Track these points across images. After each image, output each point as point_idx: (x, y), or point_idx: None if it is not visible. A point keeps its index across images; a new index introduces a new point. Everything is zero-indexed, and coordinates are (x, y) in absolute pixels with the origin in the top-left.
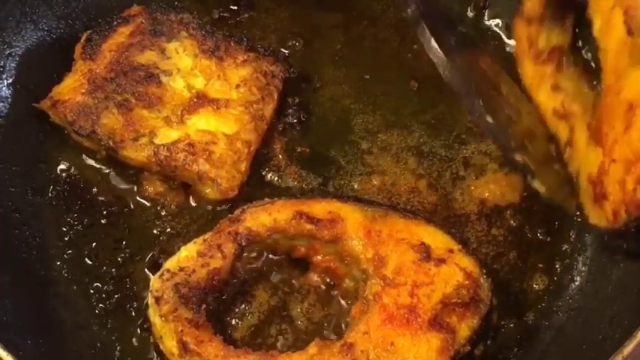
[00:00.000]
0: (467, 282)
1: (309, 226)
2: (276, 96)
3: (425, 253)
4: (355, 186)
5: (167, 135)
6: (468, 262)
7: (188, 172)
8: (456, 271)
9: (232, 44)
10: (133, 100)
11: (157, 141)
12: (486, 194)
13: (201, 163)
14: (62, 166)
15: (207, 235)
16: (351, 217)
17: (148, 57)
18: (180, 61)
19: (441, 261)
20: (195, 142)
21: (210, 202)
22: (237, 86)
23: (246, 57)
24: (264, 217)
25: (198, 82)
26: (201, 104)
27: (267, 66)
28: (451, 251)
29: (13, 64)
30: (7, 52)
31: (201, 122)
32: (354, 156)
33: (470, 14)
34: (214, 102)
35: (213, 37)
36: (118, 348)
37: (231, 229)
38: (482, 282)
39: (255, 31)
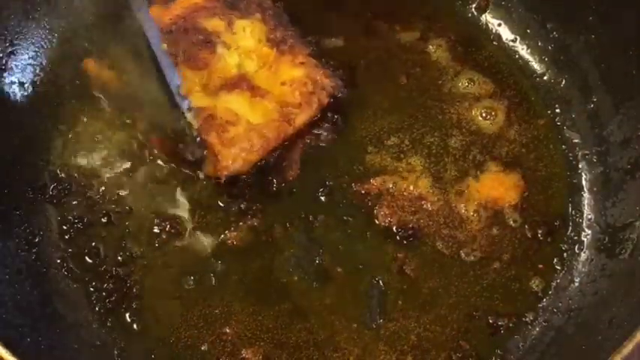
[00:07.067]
0: None
1: None
2: (315, 108)
3: None
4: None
5: (198, 99)
6: None
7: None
8: None
9: (299, 44)
10: (182, 58)
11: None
12: (486, 194)
13: (213, 135)
14: (63, 165)
15: None
16: None
17: (214, 24)
18: (243, 39)
19: None
20: (217, 116)
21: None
22: (283, 83)
23: (305, 60)
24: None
25: (250, 66)
26: (240, 85)
27: (321, 77)
28: None
29: (14, 63)
30: (9, 50)
31: (232, 102)
32: (355, 157)
33: (471, 14)
34: (254, 89)
35: (285, 30)
36: (118, 346)
37: None
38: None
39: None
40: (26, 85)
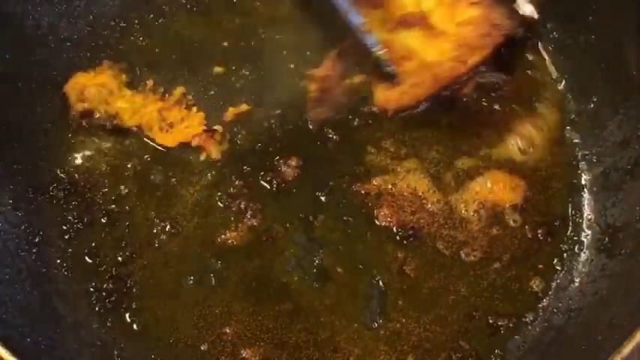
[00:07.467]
0: None
1: None
2: (490, 49)
3: None
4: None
5: (377, 34)
6: None
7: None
8: None
9: None
10: None
11: None
12: (486, 194)
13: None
14: (63, 165)
15: None
16: None
17: None
18: None
19: None
20: (392, 52)
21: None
22: (459, 24)
23: (480, 0)
24: None
25: (427, 5)
26: (416, 24)
27: (497, 17)
28: None
29: (14, 63)
30: (9, 50)
31: (409, 38)
32: (355, 157)
33: None
34: (430, 28)
35: None
36: (118, 346)
37: None
38: None
39: None
40: (27, 85)
